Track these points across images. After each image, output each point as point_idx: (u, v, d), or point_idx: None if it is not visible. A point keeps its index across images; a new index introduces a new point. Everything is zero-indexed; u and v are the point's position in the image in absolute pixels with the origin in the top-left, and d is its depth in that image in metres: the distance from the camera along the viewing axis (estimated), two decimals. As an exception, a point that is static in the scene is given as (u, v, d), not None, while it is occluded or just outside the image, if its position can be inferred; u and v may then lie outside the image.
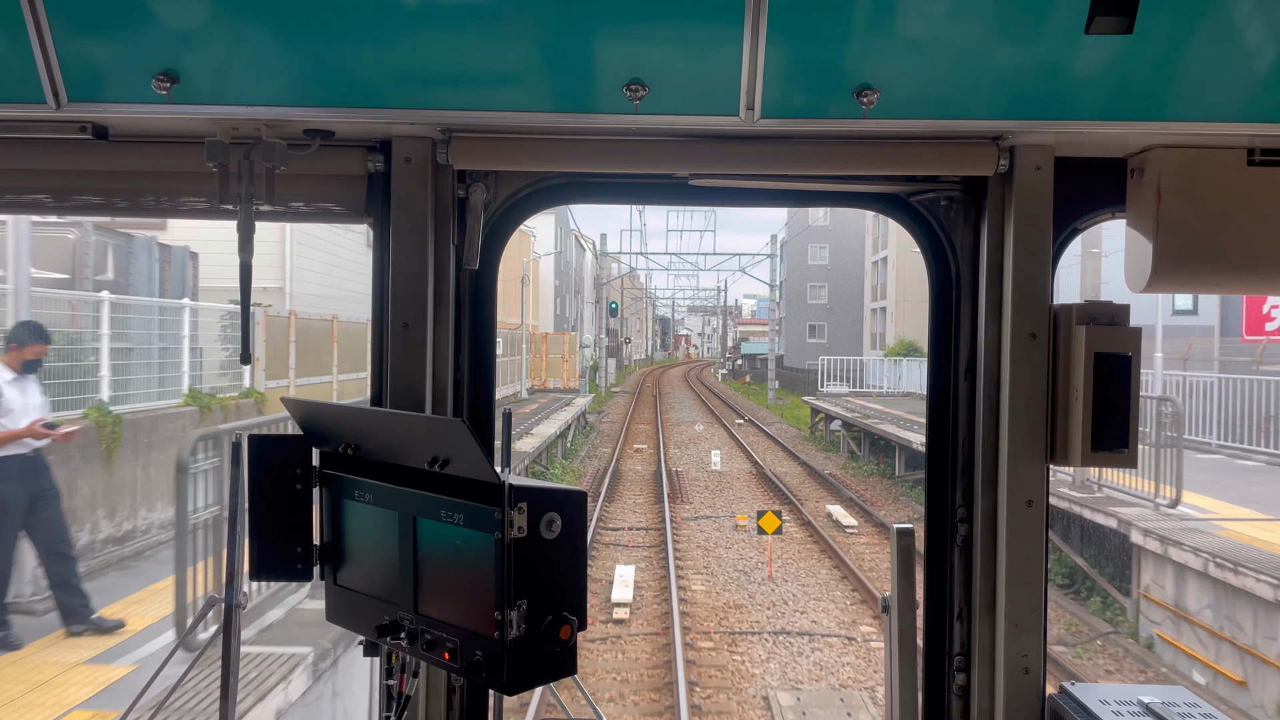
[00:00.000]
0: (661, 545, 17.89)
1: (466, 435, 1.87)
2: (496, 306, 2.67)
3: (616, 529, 19.66)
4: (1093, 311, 2.40)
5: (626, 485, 25.10)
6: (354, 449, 2.19)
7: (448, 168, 2.46)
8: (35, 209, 2.61)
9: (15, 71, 2.07)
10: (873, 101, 2.12)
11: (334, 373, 21.87)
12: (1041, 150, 2.41)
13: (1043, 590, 2.51)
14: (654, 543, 18.46)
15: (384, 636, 2.10)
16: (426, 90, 2.19)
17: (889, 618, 2.52)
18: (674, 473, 26.94)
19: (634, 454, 31.17)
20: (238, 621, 2.46)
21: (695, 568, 16.66)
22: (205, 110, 2.18)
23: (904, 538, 2.48)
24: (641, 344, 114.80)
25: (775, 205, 2.76)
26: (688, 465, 28.91)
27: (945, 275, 2.62)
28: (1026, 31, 2.02)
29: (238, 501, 2.36)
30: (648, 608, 14.28)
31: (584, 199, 2.79)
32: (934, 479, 2.66)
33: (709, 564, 16.97)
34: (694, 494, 23.87)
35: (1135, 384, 2.38)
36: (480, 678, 1.91)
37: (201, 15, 2.03)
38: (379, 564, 2.15)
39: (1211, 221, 2.34)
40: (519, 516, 1.82)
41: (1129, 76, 2.10)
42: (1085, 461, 2.38)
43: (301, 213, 2.56)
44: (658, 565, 16.70)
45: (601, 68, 2.14)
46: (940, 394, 2.64)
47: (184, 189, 2.52)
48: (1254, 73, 2.08)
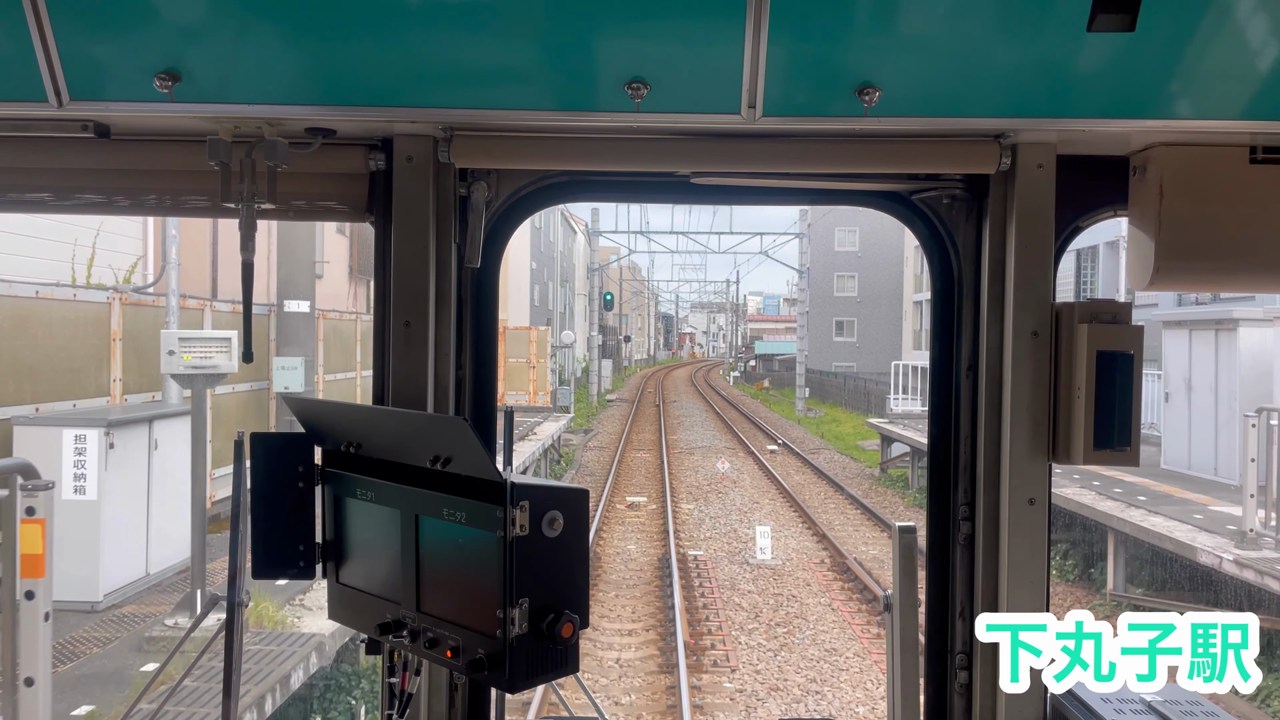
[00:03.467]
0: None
1: (468, 433, 1.87)
2: (499, 305, 2.67)
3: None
4: (1094, 309, 2.40)
5: (609, 609, 12.98)
6: (356, 447, 2.19)
7: (449, 166, 2.46)
8: (37, 208, 2.61)
9: (17, 70, 2.07)
10: (874, 100, 2.12)
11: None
12: (1043, 148, 2.41)
13: (1045, 588, 2.51)
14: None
15: (386, 634, 2.10)
16: (428, 89, 2.19)
17: (891, 616, 2.52)
18: (691, 563, 15.40)
19: (624, 517, 18.82)
20: (240, 619, 2.46)
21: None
22: (207, 109, 2.18)
23: (906, 536, 2.48)
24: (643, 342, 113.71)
25: (777, 203, 2.76)
26: (713, 541, 17.00)
27: (947, 273, 2.62)
28: (1028, 29, 2.02)
29: (240, 499, 2.37)
30: None
31: (586, 197, 2.79)
32: (936, 477, 2.66)
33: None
34: (736, 638, 12.03)
35: (1137, 382, 2.38)
36: (482, 676, 1.91)
37: (203, 13, 2.03)
38: (381, 562, 2.16)
39: (1213, 219, 2.34)
40: (521, 515, 1.82)
41: (1131, 74, 2.10)
42: (1087, 460, 2.38)
43: (303, 211, 2.56)
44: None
45: (603, 66, 2.14)
46: (943, 392, 2.64)
47: (185, 188, 2.52)
48: (1256, 71, 2.07)
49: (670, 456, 27.21)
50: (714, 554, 16.25)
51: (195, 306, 14.50)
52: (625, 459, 26.84)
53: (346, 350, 20.14)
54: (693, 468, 25.52)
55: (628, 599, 13.61)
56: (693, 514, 19.44)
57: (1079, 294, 29.10)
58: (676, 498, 20.89)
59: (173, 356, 9.82)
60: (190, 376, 10.00)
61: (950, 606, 2.62)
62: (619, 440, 30.77)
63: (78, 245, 14.70)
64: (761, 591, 14.20)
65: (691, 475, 24.26)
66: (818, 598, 13.93)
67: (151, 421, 11.10)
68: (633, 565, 15.36)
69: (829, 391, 47.37)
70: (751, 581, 14.67)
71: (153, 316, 13.37)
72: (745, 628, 12.59)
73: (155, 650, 8.86)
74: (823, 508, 20.29)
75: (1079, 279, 29.78)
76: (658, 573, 14.79)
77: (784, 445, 30.40)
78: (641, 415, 40.83)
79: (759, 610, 13.33)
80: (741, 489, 22.24)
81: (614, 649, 11.63)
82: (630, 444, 30.33)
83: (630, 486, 22.38)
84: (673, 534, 17.02)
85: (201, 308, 14.74)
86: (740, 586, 14.42)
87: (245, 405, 15.70)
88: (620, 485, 22.42)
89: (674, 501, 20.30)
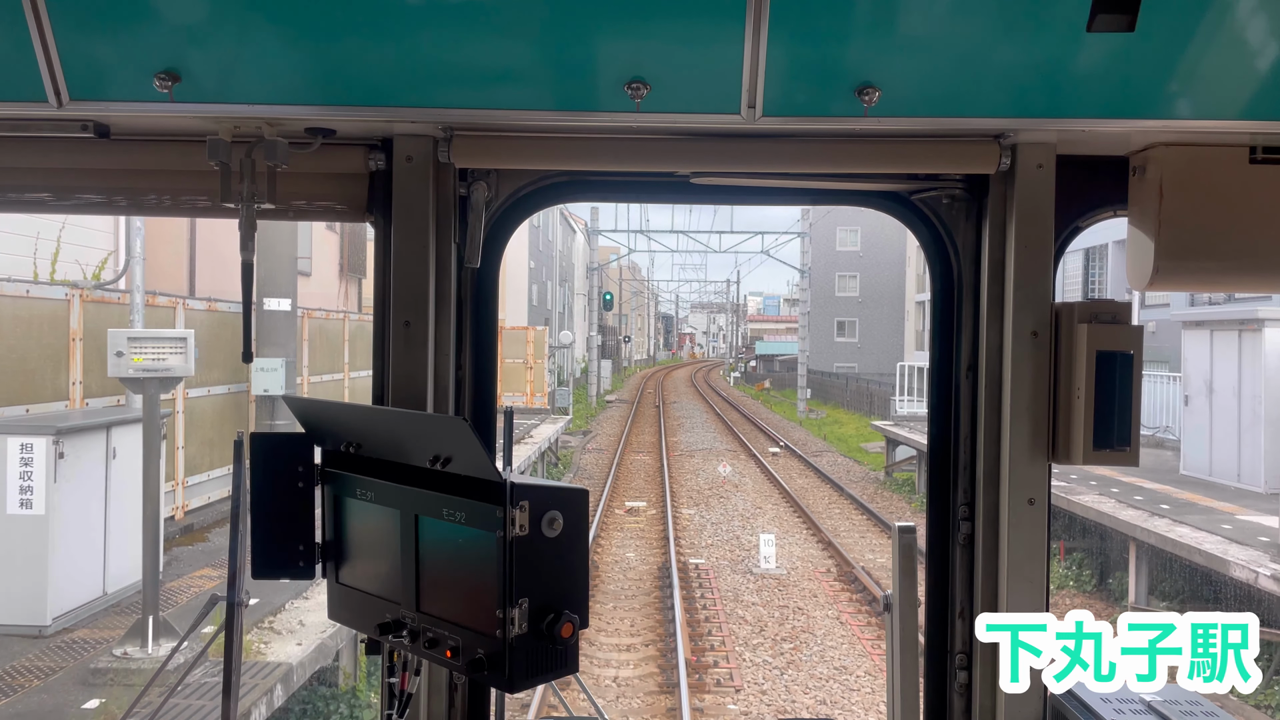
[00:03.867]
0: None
1: (468, 433, 1.87)
2: (499, 305, 2.67)
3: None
4: (1094, 309, 2.40)
5: (606, 622, 12.56)
6: (356, 447, 2.19)
7: (449, 166, 2.46)
8: (36, 208, 2.61)
9: (17, 70, 2.07)
10: (874, 100, 2.12)
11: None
12: (1043, 148, 2.41)
13: (1044, 588, 2.52)
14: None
15: (386, 634, 2.10)
16: (428, 89, 2.19)
17: (891, 616, 2.52)
18: (692, 572, 15.03)
19: (623, 523, 18.36)
20: (240, 620, 2.46)
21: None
22: (207, 109, 2.18)
23: (906, 535, 2.48)
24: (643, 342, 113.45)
25: (777, 204, 2.76)
26: (715, 548, 16.56)
27: (947, 273, 2.62)
28: (1028, 29, 2.02)
29: (240, 499, 2.37)
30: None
31: (586, 197, 2.79)
32: (936, 477, 2.66)
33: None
34: (740, 654, 11.59)
35: (1137, 382, 2.38)
36: (482, 676, 1.91)
37: (203, 13, 2.03)
38: (381, 562, 2.16)
39: (1213, 219, 2.34)
40: (520, 514, 1.82)
41: (1131, 74, 2.10)
42: (1087, 460, 2.38)
43: (303, 211, 2.56)
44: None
45: (603, 66, 2.14)
46: (942, 392, 2.64)
47: (185, 188, 2.52)
48: (1256, 70, 2.08)
49: (670, 459, 26.69)
50: (716, 562, 15.68)
51: (166, 304, 13.65)
52: (624, 462, 26.36)
53: (334, 351, 19.16)
54: (693, 471, 24.95)
55: (626, 611, 13.09)
56: (694, 520, 18.90)
57: (1087, 293, 28.97)
58: (677, 502, 20.40)
59: (121, 358, 8.86)
60: (141, 380, 8.93)
61: (950, 606, 2.62)
62: (618, 442, 30.28)
63: (40, 239, 13.75)
64: (766, 603, 13.65)
65: (692, 479, 23.70)
66: (825, 610, 13.37)
67: (110, 428, 10.04)
68: (631, 574, 14.82)
69: (831, 392, 46.89)
70: (755, 592, 14.11)
71: (119, 315, 12.38)
72: (750, 643, 12.06)
73: (101, 684, 8.02)
74: (827, 513, 19.77)
75: (1086, 277, 29.66)
76: (657, 582, 14.31)
77: (786, 447, 29.98)
78: (641, 416, 40.44)
79: (763, 623, 12.77)
80: (744, 493, 21.69)
81: (611, 665, 11.05)
82: (629, 446, 29.87)
83: (629, 491, 21.83)
84: (673, 541, 16.49)
85: (174, 305, 13.80)
86: (744, 598, 13.83)
87: (222, 409, 15.08)
88: (619, 489, 21.89)
89: (674, 507, 19.79)
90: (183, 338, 9.33)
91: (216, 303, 15.10)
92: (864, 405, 39.93)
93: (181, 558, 12.08)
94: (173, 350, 9.13)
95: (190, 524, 13.37)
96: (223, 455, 14.70)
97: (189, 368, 9.29)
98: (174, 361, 9.09)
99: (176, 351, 9.14)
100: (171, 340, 9.29)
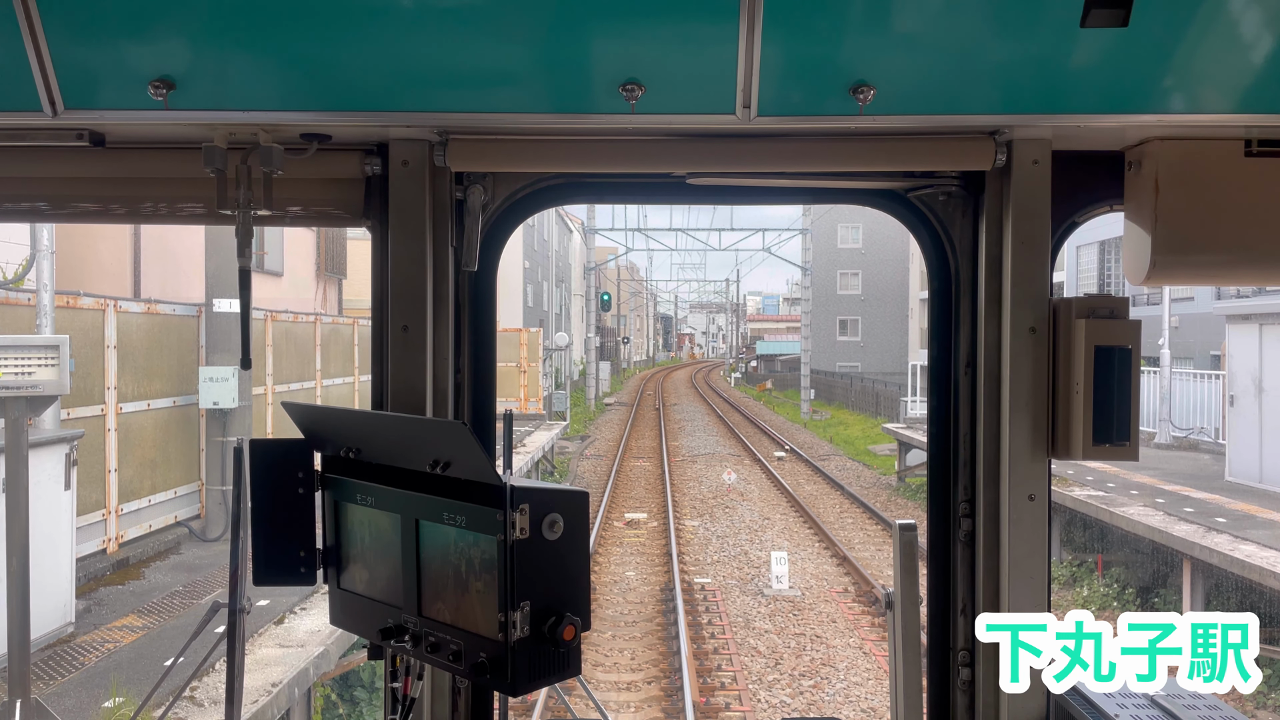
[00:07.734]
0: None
1: (468, 437, 1.87)
2: (496, 308, 2.67)
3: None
4: (1092, 305, 2.40)
5: (604, 655, 11.29)
6: (355, 452, 2.19)
7: (445, 170, 2.46)
8: (32, 217, 2.62)
9: (11, 79, 2.07)
10: (869, 98, 2.12)
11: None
12: (1039, 144, 2.41)
13: (1046, 584, 2.52)
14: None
15: (388, 639, 2.10)
16: (422, 93, 2.19)
17: (892, 613, 2.52)
18: (698, 593, 13.86)
19: (622, 537, 17.24)
20: (242, 626, 2.46)
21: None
22: (202, 116, 2.18)
23: (906, 533, 2.49)
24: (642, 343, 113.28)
25: (773, 203, 2.76)
26: (721, 565, 15.33)
27: (944, 270, 2.62)
28: (1022, 25, 2.02)
29: (240, 506, 2.37)
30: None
31: (582, 199, 2.79)
32: (936, 474, 2.66)
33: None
34: (755, 693, 10.30)
35: (1135, 377, 2.38)
36: (485, 680, 1.91)
37: (196, 21, 2.03)
38: (382, 567, 2.16)
39: (1210, 213, 2.34)
40: (521, 518, 1.82)
41: (1125, 69, 2.10)
42: (1086, 455, 2.39)
43: (299, 217, 2.56)
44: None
45: (597, 68, 2.15)
46: (941, 389, 2.64)
47: (181, 195, 2.52)
48: (1250, 64, 2.08)
49: (672, 465, 25.38)
50: (723, 581, 14.43)
51: (93, 306, 11.44)
52: (624, 468, 24.94)
53: (304, 357, 17.40)
54: (696, 478, 23.60)
55: (626, 640, 11.74)
56: (698, 532, 17.60)
57: (1102, 287, 28.48)
58: (679, 513, 19.12)
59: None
60: (1, 400, 6.73)
61: (951, 603, 2.62)
62: (617, 447, 29.06)
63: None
64: (780, 630, 12.32)
65: (695, 486, 22.34)
66: (845, 638, 12.03)
67: (0, 454, 7.87)
68: (631, 597, 13.61)
69: (834, 393, 45.81)
70: (768, 617, 12.78)
71: (26, 319, 10.33)
72: (764, 679, 10.71)
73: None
74: (839, 523, 18.56)
75: (1101, 271, 29.42)
76: (660, 606, 13.12)
77: (791, 451, 28.73)
78: (641, 419, 38.90)
79: (779, 655, 11.44)
80: (750, 502, 20.44)
81: (610, 708, 9.73)
82: (629, 451, 28.63)
83: (629, 501, 20.61)
84: (676, 557, 15.24)
85: (102, 308, 11.54)
86: (755, 624, 12.50)
87: (166, 424, 13.23)
88: (618, 499, 20.64)
89: (677, 518, 18.53)
90: (54, 345, 7.23)
91: (158, 304, 13.36)
92: (869, 406, 39.34)
93: (106, 600, 10.32)
94: (43, 362, 7.04)
95: (125, 558, 11.67)
96: (167, 477, 13.09)
97: (63, 384, 7.23)
98: (44, 375, 7.02)
99: (47, 363, 7.05)
100: (40, 349, 7.13)
